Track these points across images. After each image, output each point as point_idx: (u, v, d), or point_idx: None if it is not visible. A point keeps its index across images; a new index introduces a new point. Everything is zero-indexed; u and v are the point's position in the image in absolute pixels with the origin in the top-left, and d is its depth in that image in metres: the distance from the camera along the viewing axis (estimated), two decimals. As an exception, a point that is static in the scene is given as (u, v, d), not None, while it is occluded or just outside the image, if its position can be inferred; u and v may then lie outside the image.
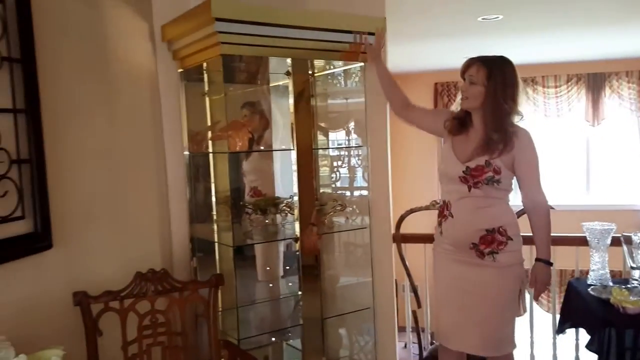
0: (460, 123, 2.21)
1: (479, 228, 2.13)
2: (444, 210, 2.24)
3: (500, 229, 2.11)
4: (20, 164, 1.64)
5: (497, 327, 2.19)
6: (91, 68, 2.08)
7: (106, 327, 1.88)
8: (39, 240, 1.72)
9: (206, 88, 2.61)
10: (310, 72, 2.62)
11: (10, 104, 1.60)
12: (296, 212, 2.39)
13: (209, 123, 2.61)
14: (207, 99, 2.61)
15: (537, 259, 2.19)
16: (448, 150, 2.23)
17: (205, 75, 2.59)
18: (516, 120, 2.14)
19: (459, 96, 2.27)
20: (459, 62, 2.26)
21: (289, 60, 2.37)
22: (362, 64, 2.54)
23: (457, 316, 2.22)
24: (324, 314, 2.62)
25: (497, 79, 2.08)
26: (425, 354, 2.88)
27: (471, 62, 2.13)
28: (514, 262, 2.16)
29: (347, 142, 2.88)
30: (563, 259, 2.97)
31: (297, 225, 2.40)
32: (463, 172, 2.12)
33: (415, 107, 2.44)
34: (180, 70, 2.46)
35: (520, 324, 2.30)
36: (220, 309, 2.35)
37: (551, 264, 2.20)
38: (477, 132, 2.18)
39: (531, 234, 2.20)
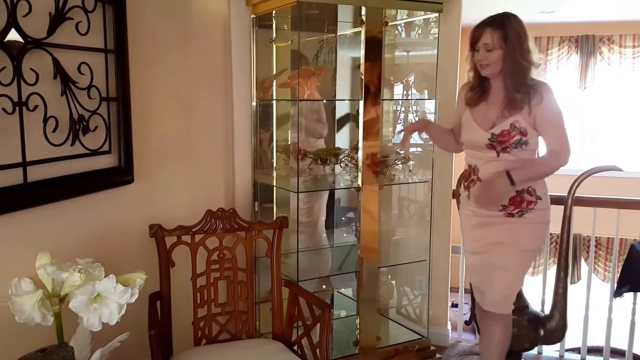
0: (478, 93, 2.13)
1: None
2: (470, 174, 2.19)
3: (530, 189, 2.07)
4: (109, 101, 1.74)
5: (512, 284, 2.17)
6: (170, 13, 2.14)
7: (177, 259, 2.01)
8: (122, 174, 1.85)
9: (274, 35, 2.62)
10: (383, 20, 2.56)
11: (102, 44, 1.69)
12: (360, 163, 2.41)
13: (274, 71, 2.63)
14: (274, 46, 2.63)
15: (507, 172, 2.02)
16: (469, 120, 2.16)
17: (274, 22, 2.59)
18: (535, 72, 2.04)
19: (467, 66, 2.17)
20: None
21: (363, 8, 2.33)
22: (436, 14, 2.47)
23: (481, 275, 2.21)
24: (379, 264, 2.67)
25: (513, 37, 1.99)
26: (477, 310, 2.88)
27: (481, 30, 2.01)
28: (540, 222, 2.13)
29: (409, 95, 2.83)
30: (624, 227, 2.89)
31: (359, 176, 2.43)
32: (489, 139, 2.07)
33: (455, 130, 2.33)
34: (253, 16, 2.47)
35: (577, 288, 2.26)
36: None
37: (514, 184, 2.03)
38: (498, 96, 2.10)
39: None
